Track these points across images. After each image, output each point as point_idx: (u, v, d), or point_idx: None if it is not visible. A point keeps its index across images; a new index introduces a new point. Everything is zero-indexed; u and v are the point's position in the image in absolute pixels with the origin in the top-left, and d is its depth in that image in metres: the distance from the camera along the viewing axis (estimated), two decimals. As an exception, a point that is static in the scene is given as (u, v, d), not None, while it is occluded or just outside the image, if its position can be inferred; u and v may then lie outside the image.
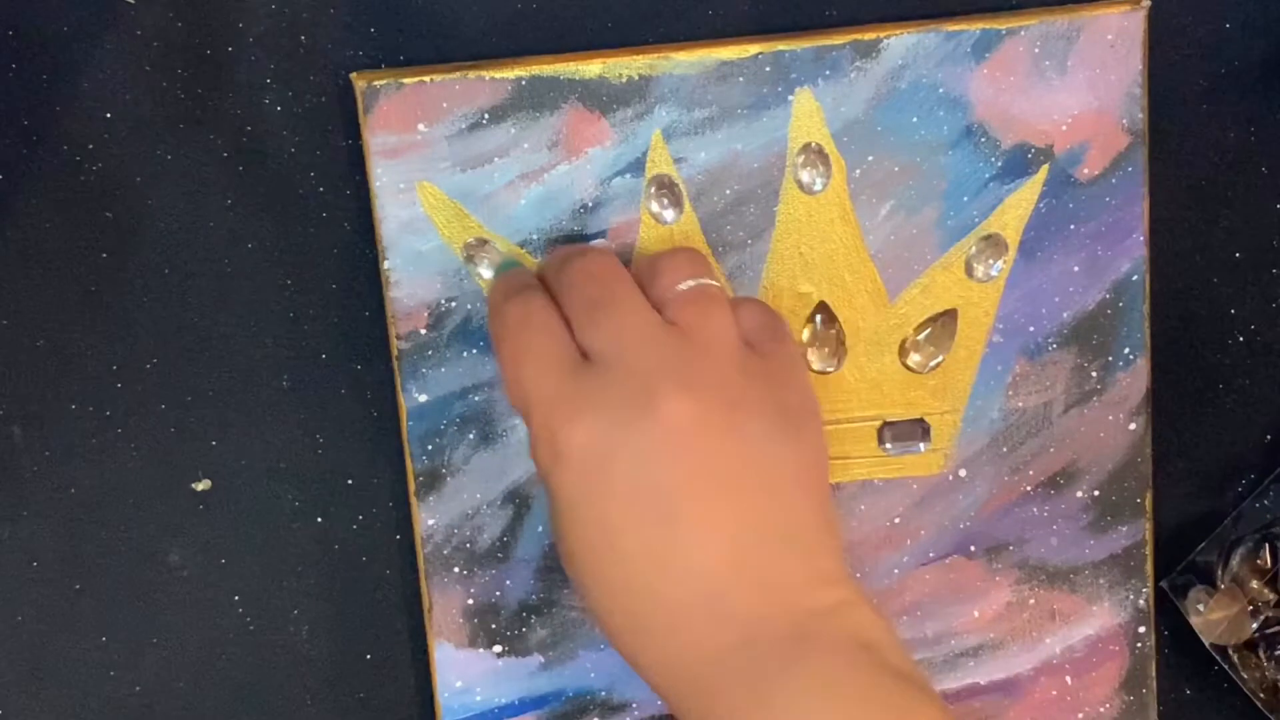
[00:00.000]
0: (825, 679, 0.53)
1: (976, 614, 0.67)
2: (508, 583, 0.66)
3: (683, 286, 0.58)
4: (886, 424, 0.66)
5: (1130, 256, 0.65)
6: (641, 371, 0.55)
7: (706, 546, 0.54)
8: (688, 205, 0.64)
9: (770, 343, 0.58)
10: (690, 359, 0.55)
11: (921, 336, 0.65)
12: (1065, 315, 0.65)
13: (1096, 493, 0.66)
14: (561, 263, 0.59)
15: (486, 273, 0.63)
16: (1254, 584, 0.67)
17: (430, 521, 0.66)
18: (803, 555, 0.55)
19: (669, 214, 0.64)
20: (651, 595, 0.55)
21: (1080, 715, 0.68)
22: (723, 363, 0.56)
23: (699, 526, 0.54)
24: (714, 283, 0.58)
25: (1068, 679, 0.68)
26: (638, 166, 0.63)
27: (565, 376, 0.56)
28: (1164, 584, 0.68)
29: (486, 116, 0.63)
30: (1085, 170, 0.64)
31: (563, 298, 0.58)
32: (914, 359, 0.65)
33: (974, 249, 0.65)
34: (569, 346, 0.57)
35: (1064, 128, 0.63)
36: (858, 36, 0.63)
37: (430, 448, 0.65)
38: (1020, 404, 0.66)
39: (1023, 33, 0.63)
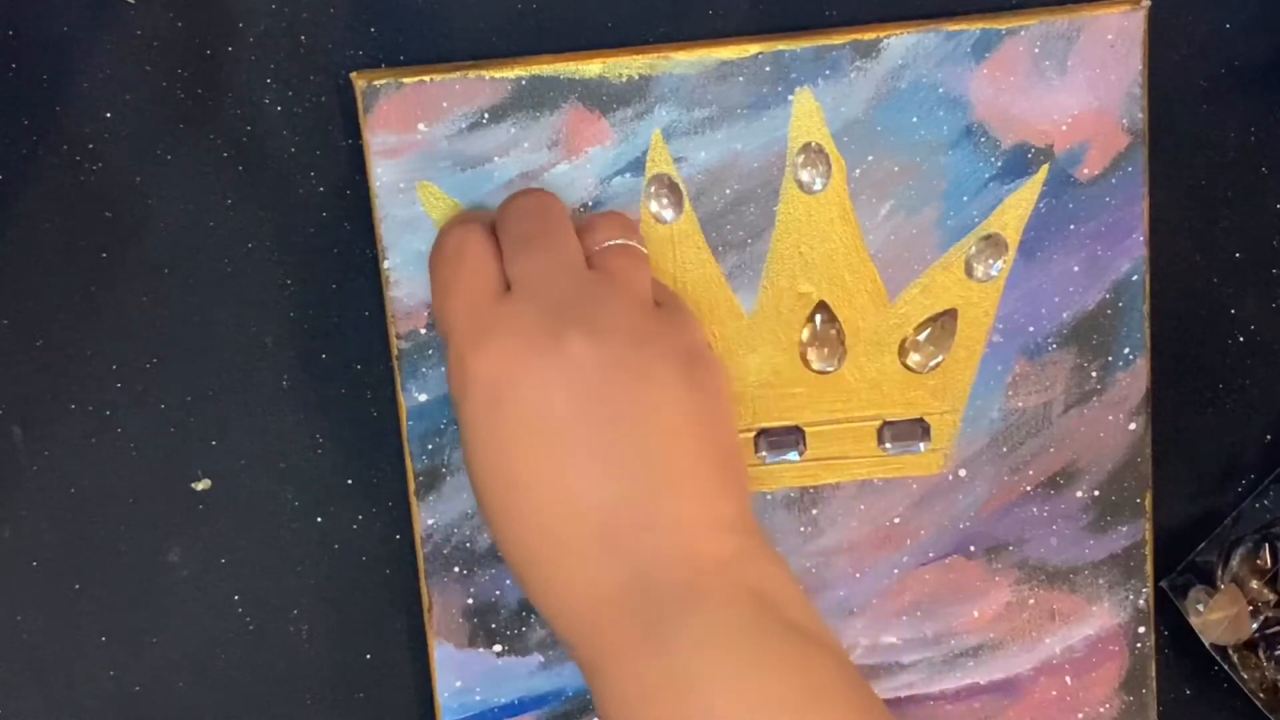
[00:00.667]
0: (719, 630, 0.53)
1: (976, 614, 0.67)
2: (507, 582, 0.66)
3: (610, 242, 0.59)
4: (886, 424, 0.66)
5: (1130, 256, 0.65)
6: (553, 305, 0.56)
7: (597, 479, 0.54)
8: (688, 205, 0.64)
9: (673, 301, 0.60)
10: (602, 300, 0.56)
11: (921, 336, 0.65)
12: (1065, 315, 0.65)
13: (1096, 493, 0.66)
14: (508, 199, 0.60)
15: None
16: (1254, 584, 0.67)
17: (430, 521, 0.66)
18: (699, 499, 0.55)
19: (669, 214, 0.64)
20: (544, 527, 0.55)
21: (1080, 715, 0.68)
22: (632, 308, 0.57)
23: (591, 458, 0.55)
24: (640, 246, 0.60)
25: (1067, 679, 0.68)
26: (638, 166, 0.63)
27: (484, 307, 0.56)
28: (1164, 584, 0.68)
29: (486, 116, 0.63)
30: (1085, 170, 0.64)
31: (500, 232, 0.59)
32: (914, 359, 0.65)
33: (974, 249, 0.65)
34: (495, 279, 0.57)
35: (1064, 128, 0.63)
36: (858, 36, 0.63)
37: (430, 447, 0.65)
38: (1020, 404, 0.66)
39: (1023, 33, 0.63)
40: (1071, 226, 0.64)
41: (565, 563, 0.55)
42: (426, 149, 0.63)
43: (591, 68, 0.63)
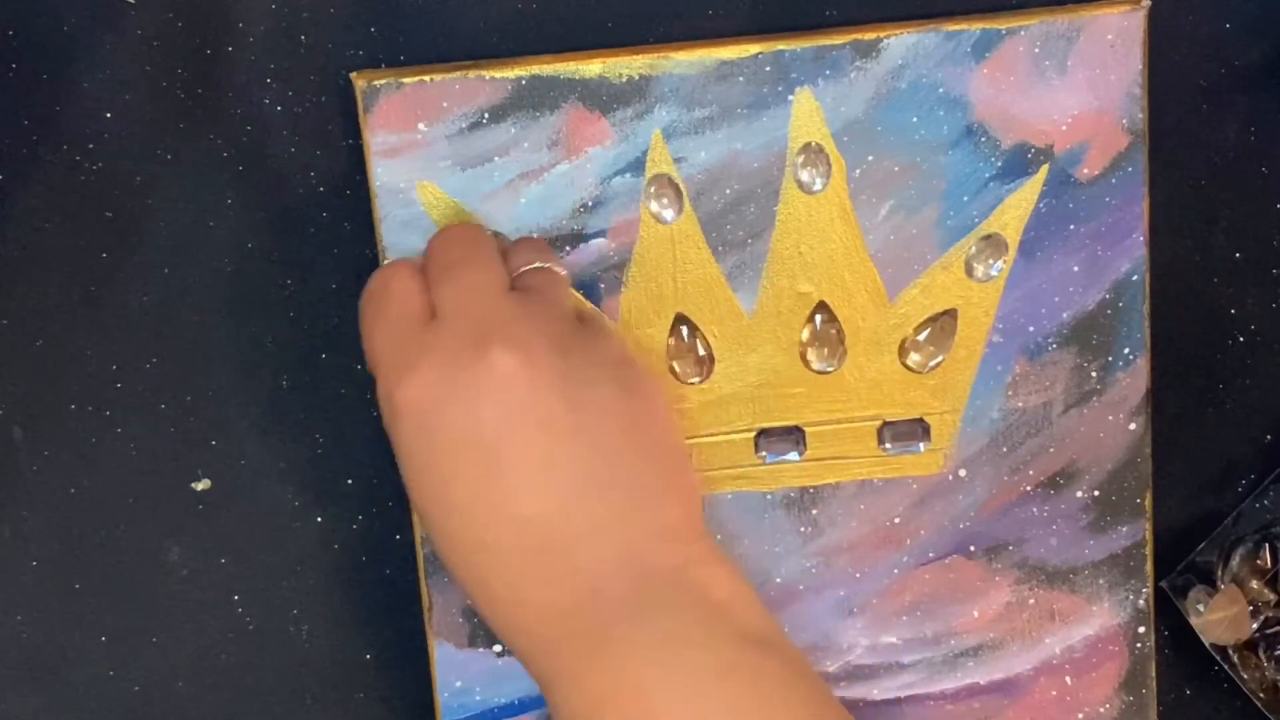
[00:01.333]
0: (667, 640, 0.52)
1: (976, 614, 0.67)
2: (507, 582, 0.66)
3: (528, 266, 0.59)
4: (886, 424, 0.66)
5: (1130, 256, 0.65)
6: (475, 324, 0.55)
7: (534, 492, 0.54)
8: (688, 205, 0.64)
9: (597, 318, 0.60)
10: (524, 317, 0.56)
11: (921, 336, 0.65)
12: (1065, 315, 0.65)
13: (1096, 493, 0.66)
14: (434, 237, 0.60)
15: None
16: (1254, 584, 0.67)
17: (430, 521, 0.66)
18: (642, 508, 0.55)
19: (669, 213, 0.64)
20: (486, 547, 0.54)
21: (1080, 715, 0.68)
22: (556, 321, 0.56)
23: (525, 472, 0.54)
24: (558, 268, 0.60)
25: (1067, 679, 0.68)
26: (638, 166, 0.63)
27: (409, 336, 0.56)
28: (1164, 584, 0.68)
29: (486, 116, 0.63)
30: (1085, 170, 0.64)
31: (427, 263, 0.59)
32: (914, 359, 0.65)
33: (974, 249, 0.65)
34: (420, 308, 0.57)
35: (1064, 128, 0.63)
36: (858, 36, 0.63)
37: (430, 447, 0.65)
38: (1020, 404, 0.66)
39: (1023, 33, 0.63)
40: (1071, 226, 0.64)
41: (510, 578, 0.55)
42: (426, 149, 0.63)
43: (591, 68, 0.63)
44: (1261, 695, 0.67)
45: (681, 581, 0.54)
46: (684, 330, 0.65)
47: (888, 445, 0.66)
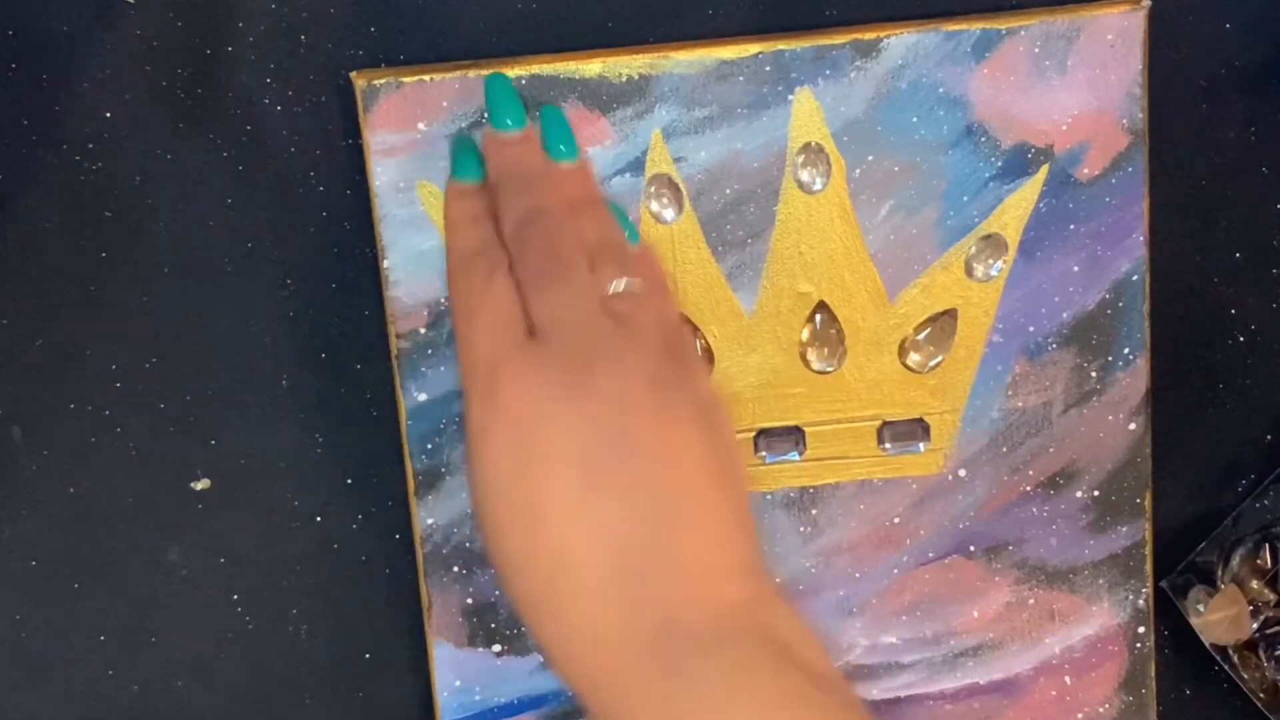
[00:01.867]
0: (741, 671, 0.53)
1: (976, 614, 0.67)
2: (507, 582, 0.66)
3: (615, 288, 0.58)
4: (886, 424, 0.66)
5: (1130, 256, 0.65)
6: (581, 348, 0.56)
7: (623, 516, 0.54)
8: (688, 205, 0.64)
9: (684, 349, 0.59)
10: (624, 346, 0.56)
11: (921, 336, 0.65)
12: (1065, 315, 0.65)
13: (1096, 493, 0.66)
14: (521, 222, 0.59)
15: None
16: (1254, 584, 0.67)
17: (430, 521, 0.66)
18: (719, 542, 0.55)
19: (669, 213, 0.64)
20: (566, 564, 0.54)
21: (1080, 715, 0.68)
22: (651, 354, 0.57)
23: (618, 495, 0.54)
24: (639, 281, 0.59)
25: (1067, 679, 0.68)
26: (638, 166, 0.63)
27: (512, 345, 0.56)
28: (1164, 584, 0.68)
29: (486, 116, 0.63)
30: (1085, 170, 0.64)
31: (518, 260, 0.58)
32: (913, 359, 0.65)
33: (974, 249, 0.65)
34: (519, 317, 0.57)
35: (1064, 128, 0.64)
36: (858, 36, 0.63)
37: (430, 447, 0.65)
38: (1020, 404, 0.66)
39: (1023, 33, 0.63)
40: (1071, 226, 0.64)
41: (584, 600, 0.54)
42: (426, 148, 0.63)
43: (591, 67, 0.63)
44: (1261, 695, 0.67)
45: (753, 616, 0.54)
46: (684, 330, 0.65)
47: (887, 445, 0.66)
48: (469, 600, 0.66)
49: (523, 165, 0.61)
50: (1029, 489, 0.66)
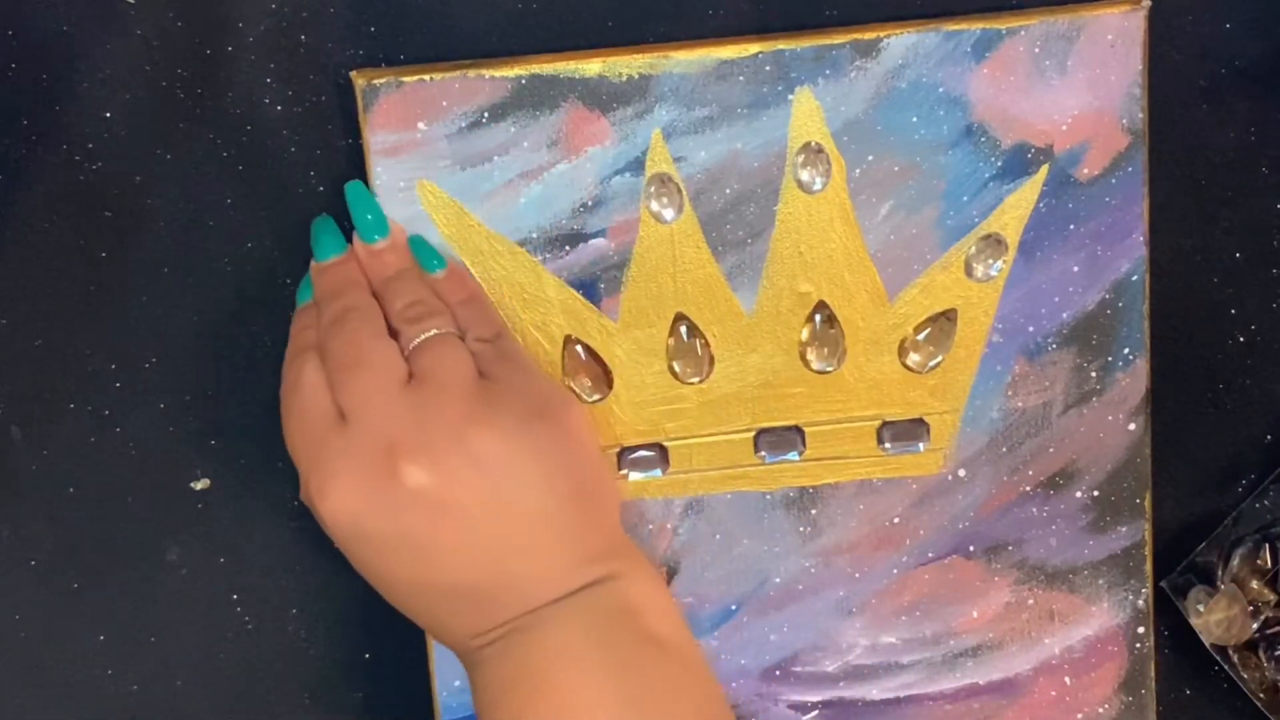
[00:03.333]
0: (575, 637, 0.58)
1: (975, 614, 0.67)
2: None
3: (418, 340, 0.61)
4: (886, 424, 0.66)
5: (1130, 256, 0.65)
6: (382, 434, 0.59)
7: (463, 570, 0.59)
8: (687, 204, 0.64)
9: (499, 363, 0.62)
10: (426, 414, 0.59)
11: (921, 336, 0.65)
12: (1065, 315, 0.65)
13: (1096, 493, 0.66)
14: (329, 320, 0.62)
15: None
16: (1254, 584, 0.67)
17: (430, 521, 0.66)
18: (566, 545, 0.60)
19: (669, 213, 0.64)
20: (420, 611, 0.61)
21: (1079, 716, 0.68)
22: (457, 403, 0.59)
23: (452, 557, 0.59)
24: (446, 330, 0.61)
25: (1067, 679, 0.68)
26: (638, 165, 0.63)
27: (321, 437, 0.59)
28: (1164, 584, 0.68)
29: (486, 115, 0.63)
30: (1085, 170, 0.64)
31: (325, 357, 0.61)
32: (913, 359, 0.65)
33: (974, 249, 0.65)
34: (328, 407, 0.60)
35: (1064, 128, 0.64)
36: (858, 36, 0.63)
37: (430, 447, 0.65)
38: (1020, 404, 0.66)
39: (1023, 33, 0.63)
40: (1071, 226, 0.64)
41: (444, 624, 0.61)
42: (426, 148, 0.63)
43: (591, 67, 0.63)
44: (1261, 695, 0.67)
45: (597, 592, 0.59)
46: (684, 330, 0.65)
47: (887, 445, 0.66)
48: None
49: (338, 280, 0.63)
50: (1029, 489, 0.66)
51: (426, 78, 0.62)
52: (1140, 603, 0.67)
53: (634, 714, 0.57)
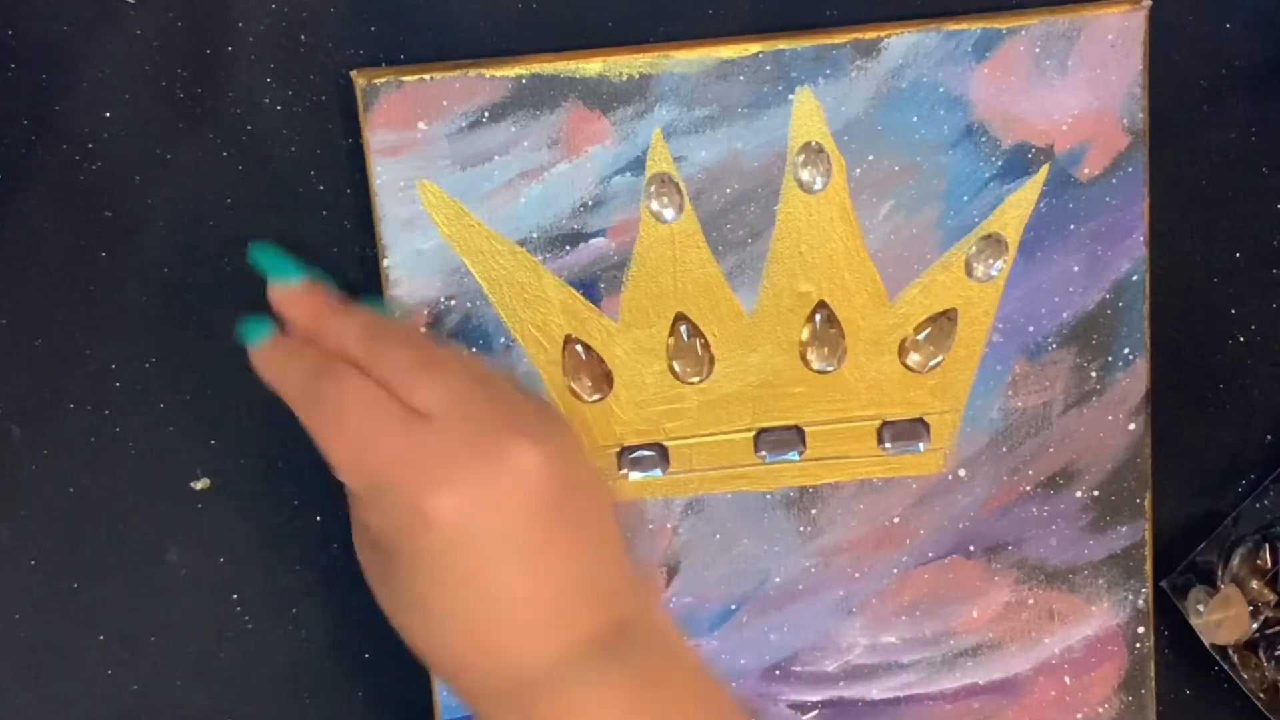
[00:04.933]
0: (581, 694, 0.55)
1: (975, 614, 0.67)
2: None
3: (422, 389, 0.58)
4: (886, 423, 0.66)
5: (1130, 256, 0.65)
6: (482, 420, 0.56)
7: (561, 576, 0.56)
8: (688, 204, 0.64)
9: (489, 389, 0.59)
10: (511, 407, 0.57)
11: (921, 336, 0.65)
12: (1065, 315, 0.65)
13: (1096, 493, 0.66)
14: (365, 336, 0.58)
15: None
16: (1254, 584, 0.67)
17: (430, 521, 0.66)
18: (623, 561, 0.58)
19: (669, 213, 0.64)
20: (507, 624, 0.56)
21: (1079, 716, 0.68)
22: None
23: (556, 561, 0.56)
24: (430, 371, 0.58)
25: (1066, 679, 0.68)
26: (638, 165, 0.63)
27: (404, 434, 0.56)
28: (1164, 584, 0.68)
29: (486, 115, 0.63)
30: (1085, 170, 0.64)
31: (377, 365, 0.57)
32: (913, 359, 0.65)
33: (974, 249, 0.65)
34: (399, 409, 0.56)
35: (1064, 128, 0.64)
36: (858, 36, 0.63)
37: (430, 447, 0.65)
38: (1020, 404, 0.66)
39: (1023, 32, 0.63)
40: (1071, 226, 0.64)
41: (517, 644, 0.57)
42: (426, 147, 0.63)
43: (592, 66, 0.63)
44: (1261, 695, 0.67)
45: (604, 643, 0.56)
46: (684, 330, 0.65)
47: (887, 445, 0.66)
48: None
49: (318, 300, 0.61)
50: (1029, 489, 0.66)
51: (427, 77, 0.63)
52: (1140, 603, 0.67)
53: None
